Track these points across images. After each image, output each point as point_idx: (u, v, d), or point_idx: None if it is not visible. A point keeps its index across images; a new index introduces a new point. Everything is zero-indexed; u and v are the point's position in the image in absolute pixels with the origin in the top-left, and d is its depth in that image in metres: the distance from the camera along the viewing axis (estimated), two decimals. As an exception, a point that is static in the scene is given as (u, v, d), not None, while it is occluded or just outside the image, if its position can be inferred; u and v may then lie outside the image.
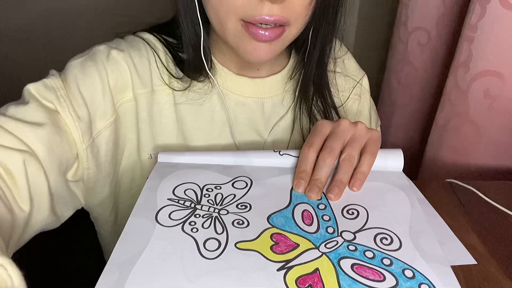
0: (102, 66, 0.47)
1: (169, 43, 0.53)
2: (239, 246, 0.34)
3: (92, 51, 0.48)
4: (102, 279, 0.30)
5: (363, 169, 0.43)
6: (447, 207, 0.45)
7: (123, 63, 0.48)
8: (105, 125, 0.47)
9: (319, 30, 0.50)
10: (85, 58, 0.47)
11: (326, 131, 0.44)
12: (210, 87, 0.53)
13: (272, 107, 0.56)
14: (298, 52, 0.57)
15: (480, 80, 0.69)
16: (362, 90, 0.63)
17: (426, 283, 0.31)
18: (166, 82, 0.51)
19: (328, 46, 0.53)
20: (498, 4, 0.63)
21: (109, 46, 0.49)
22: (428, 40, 0.89)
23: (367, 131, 0.44)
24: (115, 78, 0.47)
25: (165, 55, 0.52)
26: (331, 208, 0.40)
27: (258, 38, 0.43)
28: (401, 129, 1.04)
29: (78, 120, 0.43)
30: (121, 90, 0.48)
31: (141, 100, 0.50)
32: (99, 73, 0.46)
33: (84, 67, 0.46)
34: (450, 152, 0.78)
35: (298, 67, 0.57)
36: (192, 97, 0.52)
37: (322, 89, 0.56)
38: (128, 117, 0.50)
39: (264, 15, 0.41)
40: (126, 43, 0.51)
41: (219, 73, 0.53)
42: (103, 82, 0.46)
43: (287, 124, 0.57)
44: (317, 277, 0.31)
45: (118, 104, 0.48)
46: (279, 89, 0.56)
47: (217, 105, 0.53)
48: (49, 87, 0.43)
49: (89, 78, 0.46)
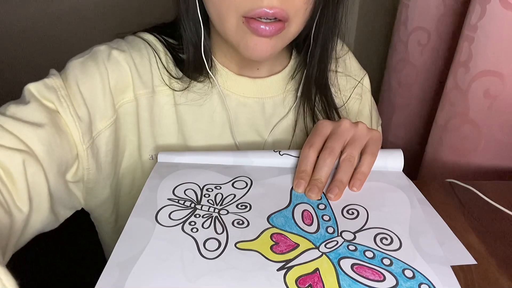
0: (103, 66, 0.46)
1: (169, 43, 0.53)
2: (239, 246, 0.34)
3: (92, 51, 0.48)
4: (102, 279, 0.30)
5: (363, 169, 0.43)
6: (447, 207, 0.45)
7: (124, 64, 0.48)
8: (105, 126, 0.47)
9: (320, 29, 0.50)
10: (86, 58, 0.47)
11: (327, 132, 0.44)
12: (210, 87, 0.53)
13: (273, 108, 0.56)
14: (299, 52, 0.57)
15: (480, 80, 0.69)
16: (363, 90, 0.63)
17: (426, 283, 0.31)
18: (166, 83, 0.51)
19: (329, 46, 0.53)
20: (498, 4, 0.63)
21: (110, 46, 0.49)
22: (428, 40, 0.89)
23: (367, 131, 0.44)
24: (116, 79, 0.47)
25: (165, 56, 0.52)
26: (331, 208, 0.40)
27: (259, 33, 0.43)
28: (401, 129, 1.04)
29: (79, 120, 0.43)
30: (121, 91, 0.48)
31: (142, 100, 0.50)
32: (100, 73, 0.46)
33: (85, 67, 0.46)
34: (450, 152, 0.78)
35: (299, 67, 0.57)
36: (192, 98, 0.52)
37: (324, 89, 0.56)
38: (128, 118, 0.50)
39: (264, 7, 0.41)
40: (126, 43, 0.51)
41: (220, 73, 0.53)
42: (103, 82, 0.46)
43: (288, 125, 0.57)
44: (317, 277, 0.31)
45: (119, 105, 0.48)
46: (280, 90, 0.56)
47: (217, 106, 0.53)
48: (50, 87, 0.42)
49: (90, 78, 0.45)
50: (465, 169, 0.77)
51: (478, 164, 0.75)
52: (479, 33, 0.66)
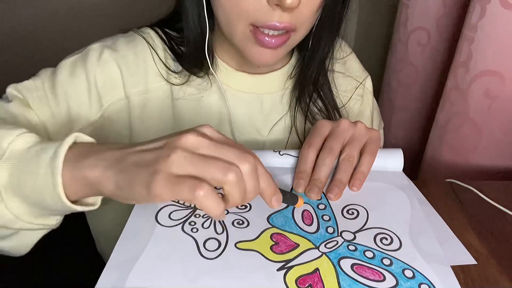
0: (91, 66, 0.48)
1: (169, 37, 0.53)
2: (239, 246, 0.34)
3: (85, 50, 0.50)
4: (102, 278, 0.30)
5: (363, 169, 0.43)
6: (447, 207, 0.45)
7: (113, 64, 0.49)
8: (88, 123, 0.49)
9: (321, 30, 0.50)
10: (77, 57, 0.49)
11: (326, 132, 0.44)
12: (209, 83, 0.53)
13: (271, 104, 0.56)
14: (300, 50, 0.57)
15: (480, 80, 0.69)
16: (365, 91, 0.62)
17: (426, 283, 0.31)
18: (165, 77, 0.51)
19: (329, 47, 0.53)
20: (498, 4, 0.63)
21: (103, 45, 0.50)
22: (428, 40, 0.89)
23: (366, 131, 0.44)
24: (104, 79, 0.49)
25: (164, 51, 0.52)
26: (331, 208, 0.40)
27: (265, 45, 0.44)
28: (401, 129, 1.04)
29: (51, 118, 0.47)
30: (110, 90, 0.49)
31: (133, 98, 0.50)
32: (87, 74, 0.48)
33: (74, 68, 0.48)
34: (450, 152, 0.78)
35: (299, 65, 0.57)
36: (190, 93, 0.52)
37: (322, 89, 0.56)
38: (120, 115, 0.50)
39: (275, 22, 0.42)
40: (124, 39, 0.51)
41: (220, 69, 0.53)
42: (89, 83, 0.48)
43: (287, 124, 0.57)
44: (317, 277, 0.31)
45: (109, 103, 0.49)
46: (279, 86, 0.56)
47: (216, 101, 0.53)
48: (28, 88, 0.46)
49: (75, 79, 0.48)
50: (465, 169, 0.77)
51: (478, 164, 0.75)
52: (479, 33, 0.66)
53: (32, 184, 0.31)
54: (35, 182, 0.31)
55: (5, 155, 0.32)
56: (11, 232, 0.34)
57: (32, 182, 0.31)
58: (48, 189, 0.31)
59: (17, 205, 0.32)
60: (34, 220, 0.34)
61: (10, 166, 0.32)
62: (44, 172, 0.31)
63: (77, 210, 0.33)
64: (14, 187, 0.32)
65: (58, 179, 0.30)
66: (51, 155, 0.31)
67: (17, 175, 0.32)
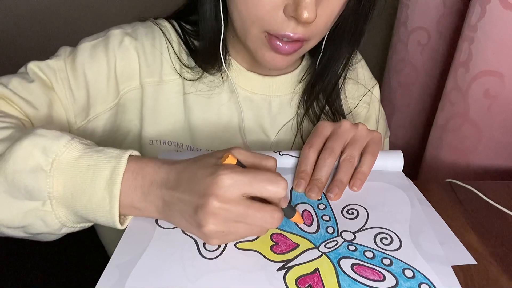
0: (112, 52, 0.49)
1: (185, 31, 0.53)
2: (239, 246, 0.34)
3: (107, 35, 0.50)
4: (102, 279, 0.30)
5: (364, 169, 0.43)
6: (447, 207, 0.45)
7: (133, 52, 0.50)
8: (104, 109, 0.49)
9: (341, 44, 0.51)
10: (99, 41, 0.49)
11: (327, 132, 0.44)
12: (221, 80, 0.53)
13: (279, 107, 0.56)
14: (311, 53, 0.57)
15: (480, 80, 0.69)
16: (372, 99, 0.62)
17: (426, 283, 0.31)
18: (178, 71, 0.52)
19: (347, 58, 0.53)
20: (498, 4, 0.63)
21: (124, 32, 0.50)
22: (428, 40, 0.89)
23: (368, 132, 0.44)
24: (123, 66, 0.49)
25: (179, 46, 0.52)
26: (331, 208, 0.40)
27: (278, 50, 0.44)
28: (401, 129, 1.04)
29: (73, 102, 0.47)
30: (127, 78, 0.50)
31: (147, 88, 0.51)
32: (108, 59, 0.48)
33: (95, 51, 0.48)
34: (450, 152, 0.78)
35: (309, 70, 0.56)
36: (201, 89, 0.53)
37: (331, 95, 0.56)
38: (134, 104, 0.51)
39: (289, 32, 0.42)
40: (142, 29, 0.52)
41: (231, 68, 0.54)
42: (109, 68, 0.48)
43: (293, 127, 0.57)
44: (317, 277, 0.31)
45: (124, 91, 0.50)
46: (288, 90, 0.56)
47: (226, 99, 0.54)
48: (51, 68, 0.46)
49: (96, 63, 0.48)
50: (465, 169, 0.77)
51: (478, 164, 0.75)
52: (479, 33, 0.66)
53: (86, 201, 0.33)
54: (90, 201, 0.33)
55: (53, 164, 0.33)
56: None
57: (87, 200, 0.33)
58: (103, 211, 0.33)
59: (65, 214, 0.34)
60: (77, 225, 0.36)
61: (63, 179, 0.33)
62: (102, 196, 0.33)
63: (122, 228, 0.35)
64: (66, 201, 0.33)
65: (116, 207, 0.33)
66: (106, 178, 0.33)
67: (71, 191, 0.33)
